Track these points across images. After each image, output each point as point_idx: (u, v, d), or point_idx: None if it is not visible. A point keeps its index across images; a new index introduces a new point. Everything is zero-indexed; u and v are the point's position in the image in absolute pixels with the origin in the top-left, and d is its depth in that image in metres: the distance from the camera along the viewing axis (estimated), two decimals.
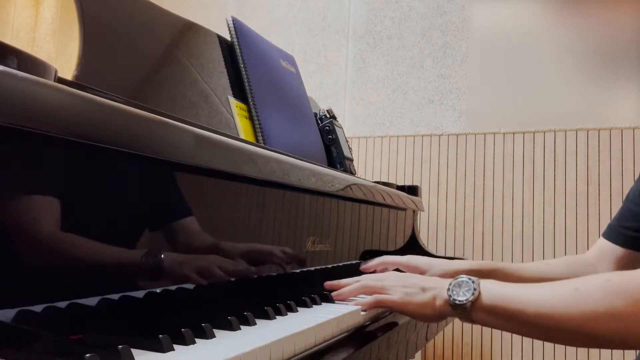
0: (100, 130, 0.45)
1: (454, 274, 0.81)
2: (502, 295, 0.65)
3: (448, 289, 0.69)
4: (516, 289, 0.65)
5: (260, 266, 0.73)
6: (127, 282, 0.51)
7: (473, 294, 0.66)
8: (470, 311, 0.66)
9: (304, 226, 0.84)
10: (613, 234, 0.91)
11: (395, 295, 0.73)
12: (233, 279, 0.66)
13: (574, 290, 0.60)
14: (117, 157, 0.48)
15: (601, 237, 0.94)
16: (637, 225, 0.87)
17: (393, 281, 0.75)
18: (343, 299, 0.77)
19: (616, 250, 0.89)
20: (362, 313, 0.71)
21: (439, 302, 0.70)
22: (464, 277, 0.68)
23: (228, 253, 0.65)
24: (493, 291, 0.66)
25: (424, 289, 0.72)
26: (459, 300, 0.67)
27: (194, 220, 0.60)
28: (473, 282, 0.67)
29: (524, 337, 1.78)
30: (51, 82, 0.42)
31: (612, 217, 0.93)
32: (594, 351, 1.69)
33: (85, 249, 0.46)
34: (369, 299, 0.73)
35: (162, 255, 0.55)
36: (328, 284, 0.81)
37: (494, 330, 1.82)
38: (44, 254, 0.42)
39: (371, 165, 2.07)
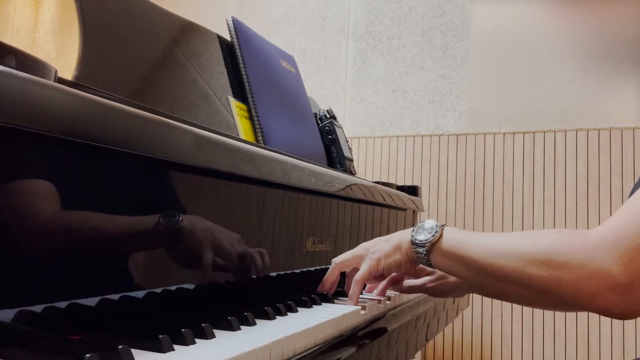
0: (100, 130, 0.45)
1: None
2: (460, 240, 0.66)
3: (412, 230, 0.71)
4: (476, 236, 0.66)
5: (260, 266, 0.73)
6: (127, 282, 0.51)
7: (434, 235, 0.68)
8: (428, 252, 0.68)
9: (304, 226, 0.84)
10: None
11: (366, 262, 0.75)
12: (233, 279, 0.66)
13: (524, 236, 0.61)
14: (117, 157, 0.48)
15: None
16: None
17: (360, 251, 0.77)
18: (328, 289, 0.79)
19: None
20: (362, 312, 0.71)
21: (404, 245, 0.72)
22: (431, 222, 0.70)
23: (228, 253, 0.65)
24: (453, 235, 0.67)
25: (387, 240, 0.75)
26: (419, 240, 0.69)
27: (194, 220, 0.60)
28: (437, 226, 0.69)
29: (524, 337, 1.78)
30: (51, 82, 0.42)
31: None
32: (594, 351, 1.69)
33: (85, 249, 0.46)
34: (353, 288, 0.75)
35: (162, 256, 0.55)
36: (319, 289, 0.81)
37: (494, 330, 1.82)
38: (44, 254, 0.42)
39: (371, 165, 2.07)
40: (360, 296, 0.79)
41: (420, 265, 0.77)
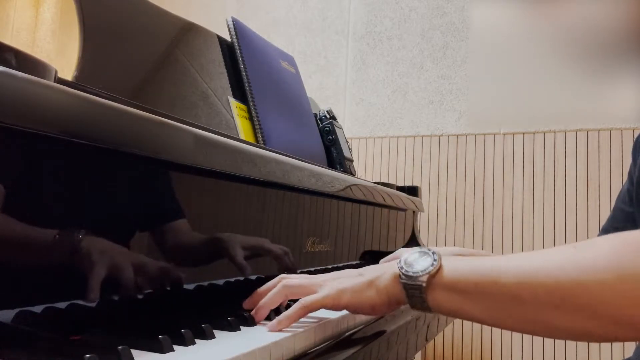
0: (100, 130, 0.45)
1: None
2: (472, 266, 0.50)
3: (399, 262, 0.54)
4: (487, 260, 0.50)
5: (261, 266, 0.73)
6: (126, 282, 0.51)
7: (432, 264, 0.51)
8: (425, 289, 0.51)
9: (303, 227, 0.84)
10: None
11: (324, 289, 0.57)
12: (233, 280, 0.66)
13: (571, 248, 0.46)
14: (117, 157, 0.48)
15: None
16: (629, 226, 0.86)
17: (325, 276, 0.60)
18: (262, 316, 0.58)
19: None
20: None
21: (385, 282, 0.54)
22: (423, 249, 0.54)
23: (228, 253, 0.65)
24: (459, 263, 0.51)
25: (360, 274, 0.58)
26: (413, 272, 0.51)
27: (194, 220, 0.60)
28: (433, 253, 0.53)
29: (524, 337, 1.78)
30: (51, 83, 0.42)
31: None
32: (594, 351, 1.69)
33: (85, 249, 0.46)
34: (293, 309, 0.55)
35: (162, 256, 0.55)
36: (246, 303, 0.62)
37: (494, 330, 1.81)
38: (44, 254, 0.43)
39: (371, 165, 2.07)
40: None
41: None
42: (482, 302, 0.48)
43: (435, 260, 0.52)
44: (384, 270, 0.56)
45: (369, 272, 0.57)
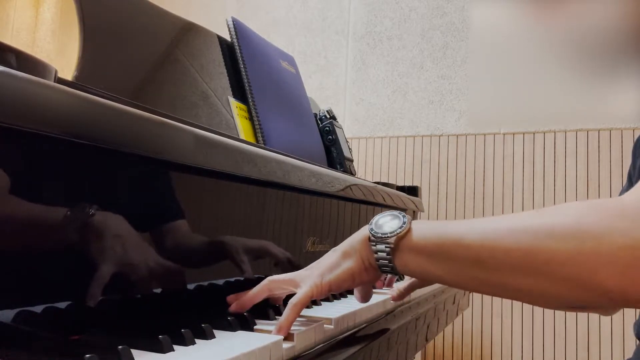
0: (101, 130, 0.45)
1: None
2: (440, 227, 0.50)
3: (370, 224, 0.55)
4: (454, 222, 0.50)
5: (261, 267, 0.73)
6: (126, 283, 0.51)
7: (401, 227, 0.52)
8: (394, 250, 0.51)
9: (303, 227, 0.84)
10: None
11: (306, 283, 0.56)
12: (233, 280, 0.66)
13: (534, 212, 0.46)
14: (117, 157, 0.48)
15: None
16: None
17: (307, 268, 0.60)
18: (241, 309, 0.58)
19: None
20: (356, 308, 0.71)
21: (356, 246, 0.55)
22: (394, 212, 0.55)
23: (228, 253, 0.65)
24: (428, 225, 0.52)
25: (335, 250, 0.59)
26: (382, 234, 0.52)
27: (194, 220, 0.60)
28: (403, 216, 0.53)
29: (524, 337, 1.78)
30: (51, 83, 0.42)
31: None
32: (594, 351, 1.69)
33: (85, 249, 0.46)
34: (286, 314, 0.53)
35: (162, 256, 0.55)
36: (230, 297, 0.61)
37: (494, 330, 1.82)
38: (44, 254, 0.43)
39: (371, 165, 2.07)
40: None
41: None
42: (445, 264, 0.49)
43: (404, 222, 0.52)
44: (355, 236, 0.56)
45: (342, 244, 0.58)
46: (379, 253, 0.53)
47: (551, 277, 0.43)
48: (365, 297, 0.65)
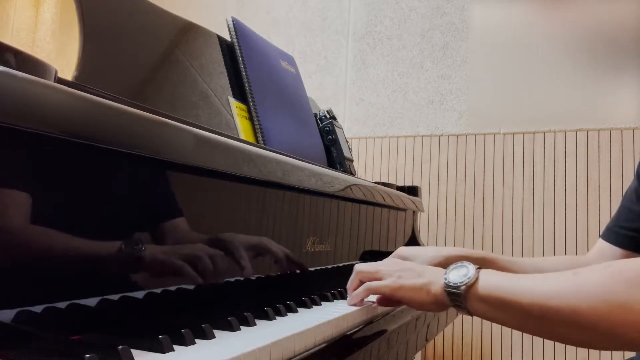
0: (101, 130, 0.45)
1: (443, 261, 0.79)
2: (499, 283, 0.60)
3: (445, 273, 0.65)
4: (516, 278, 0.61)
5: (260, 266, 0.73)
6: (126, 282, 0.51)
7: (470, 278, 0.62)
8: (464, 298, 0.62)
9: (303, 227, 0.84)
10: (612, 235, 0.89)
11: (387, 280, 0.69)
12: (233, 279, 0.66)
13: (572, 275, 0.56)
14: (117, 157, 0.48)
15: (600, 238, 0.92)
16: (635, 225, 0.86)
17: (388, 266, 0.72)
18: (354, 303, 0.73)
19: (615, 251, 0.88)
20: (356, 308, 0.70)
21: (434, 288, 0.65)
22: (464, 263, 0.64)
23: (228, 253, 0.65)
24: (491, 279, 0.62)
25: (420, 274, 0.68)
26: (454, 284, 0.62)
27: (194, 220, 0.60)
28: (473, 267, 0.63)
29: (524, 337, 1.78)
30: (51, 83, 0.42)
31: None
32: (594, 350, 1.69)
33: (85, 249, 0.46)
34: (359, 290, 0.70)
35: (162, 256, 0.55)
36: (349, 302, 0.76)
37: (494, 330, 1.82)
38: (44, 254, 0.43)
39: (371, 165, 2.07)
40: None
41: None
42: (506, 314, 0.60)
43: (472, 275, 0.62)
44: (436, 277, 0.66)
45: (427, 275, 0.68)
46: (453, 297, 0.63)
47: (587, 332, 0.54)
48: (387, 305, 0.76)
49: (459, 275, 0.63)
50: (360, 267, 0.73)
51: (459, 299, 0.62)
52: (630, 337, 0.51)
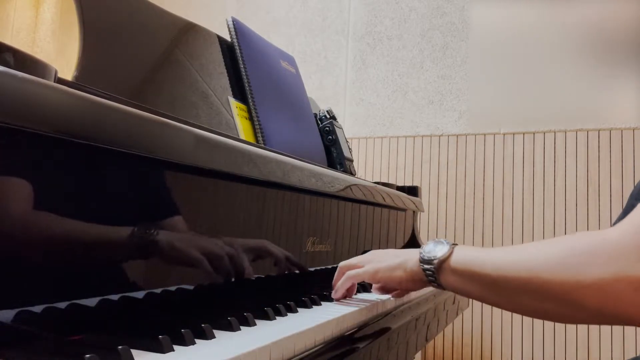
0: (101, 130, 0.45)
1: None
2: (471, 256, 0.62)
3: (421, 248, 0.68)
4: (487, 251, 0.62)
5: (260, 267, 0.73)
6: (126, 282, 0.51)
7: (444, 253, 0.65)
8: (437, 271, 0.65)
9: (303, 227, 0.84)
10: None
11: (367, 266, 0.74)
12: (233, 280, 0.66)
13: (536, 244, 0.57)
14: (117, 157, 0.48)
15: None
16: None
17: (368, 255, 0.77)
18: (341, 295, 0.77)
19: None
20: (356, 308, 0.71)
21: (410, 264, 0.69)
22: (442, 240, 0.67)
23: (228, 253, 0.65)
24: (464, 253, 0.64)
25: (396, 256, 0.72)
26: (428, 257, 0.66)
27: (194, 220, 0.60)
28: (448, 243, 0.66)
29: (524, 337, 1.78)
30: (51, 83, 0.42)
31: (612, 218, 0.92)
32: (594, 351, 1.69)
33: (85, 249, 0.46)
34: (340, 280, 0.75)
35: (162, 256, 0.55)
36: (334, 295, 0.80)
37: (494, 330, 1.82)
38: (44, 254, 0.43)
39: (371, 165, 2.07)
40: (361, 297, 0.78)
41: None
42: (473, 285, 0.62)
43: (448, 250, 0.65)
44: (412, 254, 0.70)
45: (403, 255, 0.72)
46: (427, 271, 0.66)
47: (556, 301, 0.54)
48: (385, 293, 0.82)
49: (434, 250, 0.66)
50: (343, 262, 0.78)
51: (432, 272, 0.65)
52: (586, 304, 0.50)
